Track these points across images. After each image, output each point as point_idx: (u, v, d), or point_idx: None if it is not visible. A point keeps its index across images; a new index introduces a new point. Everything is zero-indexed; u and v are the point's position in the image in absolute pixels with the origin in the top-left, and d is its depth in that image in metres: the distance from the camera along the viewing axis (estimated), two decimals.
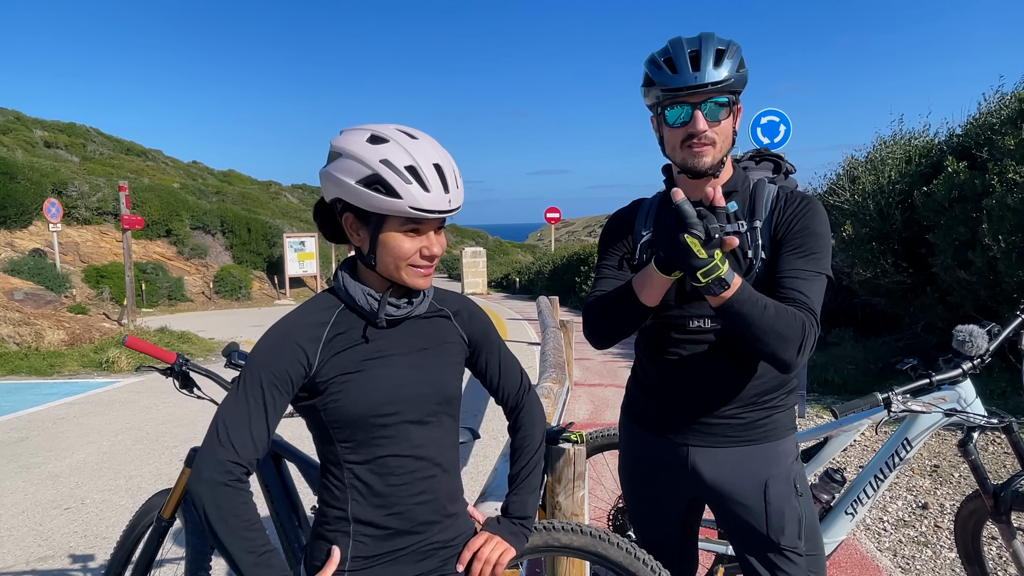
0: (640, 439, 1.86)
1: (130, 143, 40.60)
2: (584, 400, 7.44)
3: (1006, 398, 5.76)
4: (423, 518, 1.39)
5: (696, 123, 1.55)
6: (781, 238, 1.61)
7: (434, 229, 1.32)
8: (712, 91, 1.53)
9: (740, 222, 1.65)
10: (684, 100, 1.55)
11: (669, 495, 1.83)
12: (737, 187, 1.68)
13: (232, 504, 1.22)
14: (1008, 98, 7.26)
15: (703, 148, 1.57)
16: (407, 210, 1.25)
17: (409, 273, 1.32)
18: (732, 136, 1.62)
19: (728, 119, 1.59)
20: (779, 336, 1.45)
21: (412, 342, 1.39)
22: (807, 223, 1.61)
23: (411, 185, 1.24)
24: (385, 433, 1.34)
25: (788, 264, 1.58)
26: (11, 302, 12.73)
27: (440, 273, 45.84)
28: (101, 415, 7.11)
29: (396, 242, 1.29)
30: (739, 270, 1.60)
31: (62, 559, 3.67)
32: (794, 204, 1.64)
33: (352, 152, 1.27)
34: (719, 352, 1.67)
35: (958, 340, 2.21)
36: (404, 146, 1.27)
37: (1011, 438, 2.21)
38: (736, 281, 1.44)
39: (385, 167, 1.25)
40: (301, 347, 1.30)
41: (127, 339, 2.40)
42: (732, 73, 1.54)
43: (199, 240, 23.86)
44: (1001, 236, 5.97)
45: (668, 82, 1.55)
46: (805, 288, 1.54)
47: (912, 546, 3.66)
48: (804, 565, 1.71)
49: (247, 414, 1.26)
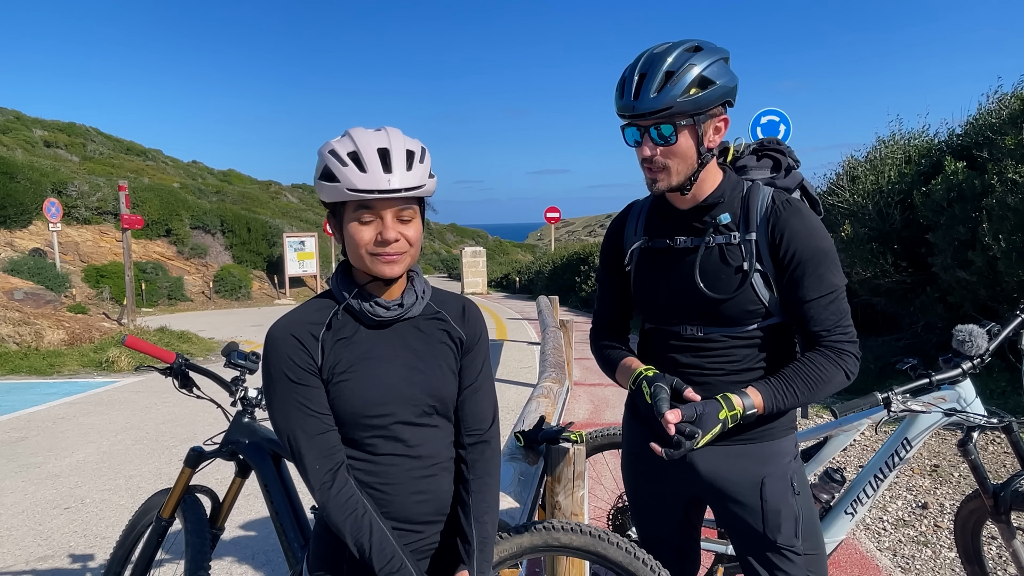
0: (642, 436, 1.85)
1: (130, 143, 40.60)
2: (584, 400, 7.44)
3: (1006, 398, 5.76)
4: (422, 517, 1.40)
5: (643, 149, 1.55)
6: (785, 261, 1.58)
7: (391, 215, 1.30)
8: (652, 120, 1.50)
9: (732, 234, 1.61)
10: (634, 124, 1.55)
11: (670, 492, 1.83)
12: (724, 197, 1.63)
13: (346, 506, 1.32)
14: (1008, 98, 7.26)
15: (655, 174, 1.56)
16: (345, 192, 1.27)
17: (373, 262, 1.32)
18: (696, 156, 1.55)
19: (686, 139, 1.52)
20: (826, 390, 1.59)
21: (407, 343, 1.40)
22: (806, 242, 1.56)
23: (347, 167, 1.27)
24: (380, 433, 1.35)
25: (803, 296, 1.58)
26: (11, 302, 12.73)
27: (440, 273, 45.83)
28: (101, 415, 7.10)
29: (354, 230, 1.31)
30: (733, 282, 1.59)
31: (62, 559, 3.67)
32: (787, 219, 1.58)
33: (320, 152, 1.34)
34: (714, 359, 1.67)
35: (958, 340, 2.21)
36: (355, 137, 1.31)
37: (1011, 438, 2.21)
38: (757, 400, 1.53)
39: (331, 156, 1.29)
40: (302, 343, 1.33)
41: (127, 339, 2.40)
42: (673, 99, 1.46)
43: (199, 240, 23.86)
44: (1001, 236, 5.97)
45: (617, 105, 1.56)
46: (825, 318, 1.58)
47: (912, 546, 3.66)
48: (803, 564, 1.71)
49: (300, 419, 1.32)
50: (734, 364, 1.66)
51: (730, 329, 1.63)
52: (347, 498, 1.31)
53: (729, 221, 1.61)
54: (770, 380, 1.58)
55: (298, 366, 1.31)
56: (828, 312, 1.58)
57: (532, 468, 2.33)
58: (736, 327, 1.63)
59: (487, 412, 1.47)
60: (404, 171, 1.29)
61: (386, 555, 1.31)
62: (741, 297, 1.59)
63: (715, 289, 1.60)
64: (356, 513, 1.31)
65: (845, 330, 1.59)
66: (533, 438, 2.35)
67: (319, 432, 1.32)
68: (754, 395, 1.55)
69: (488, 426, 1.47)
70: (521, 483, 2.17)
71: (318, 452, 1.31)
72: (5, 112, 35.24)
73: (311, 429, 1.31)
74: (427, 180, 1.33)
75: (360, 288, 1.37)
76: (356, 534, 1.30)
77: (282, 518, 2.21)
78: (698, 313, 1.65)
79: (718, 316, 1.63)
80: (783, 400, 1.56)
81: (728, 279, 1.60)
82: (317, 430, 1.32)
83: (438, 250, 55.84)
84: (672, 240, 1.67)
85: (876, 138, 9.10)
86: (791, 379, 1.57)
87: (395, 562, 1.31)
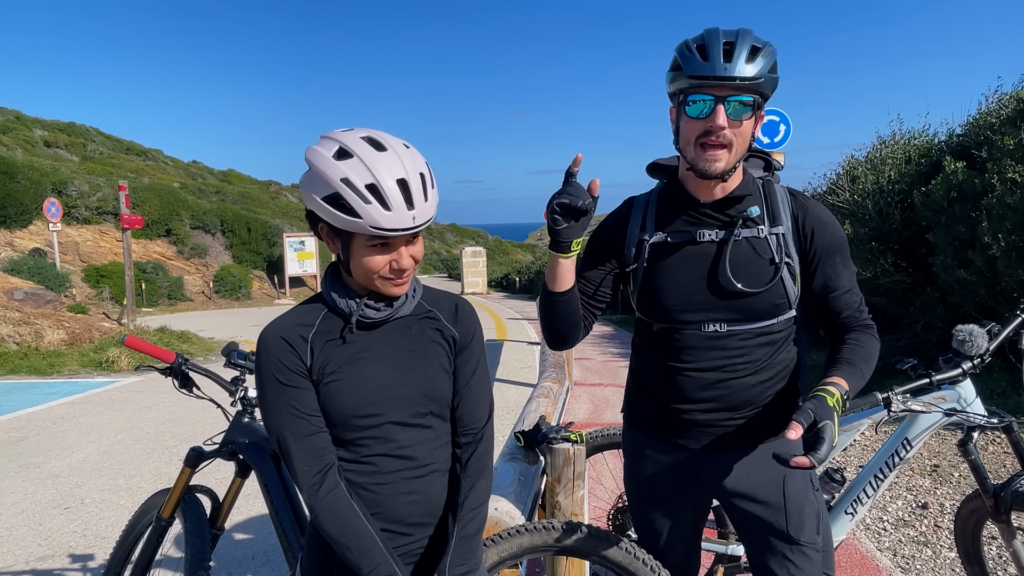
0: (646, 447, 1.80)
1: (130, 143, 40.59)
2: (584, 400, 7.44)
3: (1006, 398, 5.75)
4: (412, 519, 1.39)
5: (716, 117, 1.48)
6: (812, 253, 1.63)
7: (404, 243, 1.30)
8: (739, 87, 1.46)
9: (759, 227, 1.61)
10: (709, 91, 1.48)
11: (679, 501, 1.79)
12: (750, 190, 1.63)
13: (336, 508, 1.32)
14: (1007, 98, 7.26)
15: (717, 152, 1.50)
16: (368, 229, 1.24)
17: (382, 284, 1.32)
18: (750, 141, 1.56)
19: (750, 121, 1.52)
20: (875, 364, 1.62)
21: (398, 343, 1.39)
22: (834, 234, 1.65)
23: (371, 205, 1.22)
24: (371, 433, 1.35)
25: (838, 286, 1.65)
26: (11, 302, 12.72)
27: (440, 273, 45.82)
28: (101, 415, 7.11)
29: (365, 257, 1.29)
30: (765, 276, 1.60)
31: (62, 559, 3.67)
32: (815, 213, 1.65)
33: (318, 167, 1.26)
34: (735, 357, 1.64)
35: (958, 340, 2.21)
36: (367, 162, 1.24)
37: (1011, 438, 2.20)
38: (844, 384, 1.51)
39: (345, 186, 1.23)
40: (292, 345, 1.33)
41: (127, 339, 2.39)
42: (763, 72, 1.47)
43: (199, 240, 23.85)
44: (1001, 235, 5.96)
45: (696, 69, 1.47)
46: (855, 303, 1.66)
47: (912, 546, 3.66)
48: (820, 561, 1.69)
49: (290, 420, 1.31)
50: (752, 362, 1.64)
51: (753, 325, 1.62)
52: (334, 501, 1.30)
53: (758, 215, 1.60)
54: (840, 364, 1.57)
55: (287, 368, 1.31)
56: (856, 298, 1.66)
57: (532, 468, 2.33)
58: (759, 322, 1.62)
59: (482, 411, 1.47)
60: (423, 203, 1.27)
61: (373, 561, 1.30)
62: (771, 291, 1.60)
63: (746, 283, 1.59)
64: (343, 517, 1.30)
65: (865, 310, 1.68)
66: (533, 438, 2.35)
67: (308, 433, 1.31)
68: (839, 381, 1.51)
69: (483, 424, 1.46)
70: (521, 483, 2.17)
71: (307, 453, 1.31)
72: (5, 112, 35.24)
73: (300, 430, 1.31)
74: (437, 201, 1.33)
75: (350, 290, 1.37)
76: (342, 538, 1.30)
77: (282, 518, 2.21)
78: (724, 308, 1.62)
79: (745, 310, 1.61)
80: (859, 380, 1.57)
81: (760, 272, 1.59)
82: (306, 431, 1.31)
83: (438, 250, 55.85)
84: (696, 234, 1.63)
85: (876, 138, 9.11)
86: (854, 360, 1.58)
87: (382, 568, 1.30)
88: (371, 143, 1.28)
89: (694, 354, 1.65)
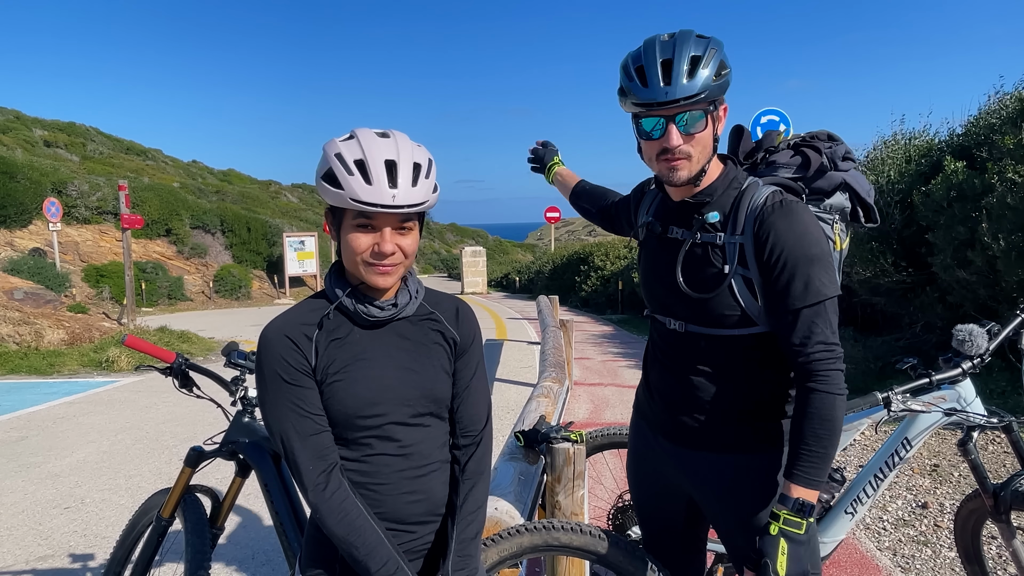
0: (644, 436, 1.87)
1: (130, 142, 40.61)
2: (584, 399, 7.44)
3: (1006, 398, 5.76)
4: (415, 518, 1.40)
5: (670, 138, 1.48)
6: (770, 265, 1.50)
7: (391, 227, 1.30)
8: (685, 106, 1.45)
9: (719, 234, 1.57)
10: (657, 113, 1.48)
11: (668, 492, 1.84)
12: (714, 195, 1.59)
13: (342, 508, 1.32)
14: (1008, 98, 7.26)
15: (678, 162, 1.51)
16: (348, 201, 1.27)
17: (367, 271, 1.32)
18: (712, 144, 1.54)
19: (706, 128, 1.50)
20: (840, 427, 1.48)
21: (400, 344, 1.40)
22: (793, 246, 1.47)
23: (353, 176, 1.26)
24: (372, 432, 1.35)
25: (788, 305, 1.48)
26: (11, 301, 12.73)
27: (440, 273, 45.82)
28: (101, 414, 7.10)
29: (352, 237, 1.31)
30: (710, 283, 1.56)
31: (62, 558, 3.67)
32: (773, 221, 1.50)
33: (324, 150, 1.33)
34: (697, 357, 1.64)
35: (958, 339, 2.21)
36: (363, 142, 1.30)
37: (1011, 437, 2.20)
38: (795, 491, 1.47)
39: (336, 160, 1.28)
40: (296, 343, 1.33)
41: (127, 338, 2.40)
42: (707, 84, 1.43)
43: (199, 239, 23.85)
44: (1001, 235, 5.96)
45: (640, 95, 1.47)
46: (807, 330, 1.47)
47: (912, 545, 3.66)
48: None
49: (294, 420, 1.31)
50: (716, 366, 1.62)
51: (713, 331, 1.60)
52: (340, 501, 1.30)
53: (717, 220, 1.57)
54: (793, 462, 1.48)
55: (292, 367, 1.31)
56: (812, 328, 1.46)
57: (532, 468, 2.33)
58: (716, 328, 1.59)
59: (481, 413, 1.47)
60: (409, 187, 1.28)
61: (380, 559, 1.30)
62: (718, 299, 1.56)
63: (693, 287, 1.58)
64: (349, 516, 1.30)
65: (830, 347, 1.47)
66: (533, 438, 2.35)
67: (313, 433, 1.31)
68: (790, 489, 1.47)
69: (482, 427, 1.47)
70: (521, 483, 2.17)
71: (312, 453, 1.31)
72: (5, 112, 35.23)
73: (305, 430, 1.31)
74: (430, 196, 1.33)
75: (354, 288, 1.37)
76: (348, 537, 1.30)
77: (282, 518, 2.21)
78: (679, 307, 1.64)
79: (698, 313, 1.60)
80: (818, 472, 1.46)
81: (706, 279, 1.57)
82: (311, 431, 1.31)
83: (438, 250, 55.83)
84: (667, 229, 1.67)
85: (877, 138, 9.11)
86: (809, 444, 1.46)
87: (390, 566, 1.30)
88: (378, 133, 1.33)
89: (665, 348, 1.72)
